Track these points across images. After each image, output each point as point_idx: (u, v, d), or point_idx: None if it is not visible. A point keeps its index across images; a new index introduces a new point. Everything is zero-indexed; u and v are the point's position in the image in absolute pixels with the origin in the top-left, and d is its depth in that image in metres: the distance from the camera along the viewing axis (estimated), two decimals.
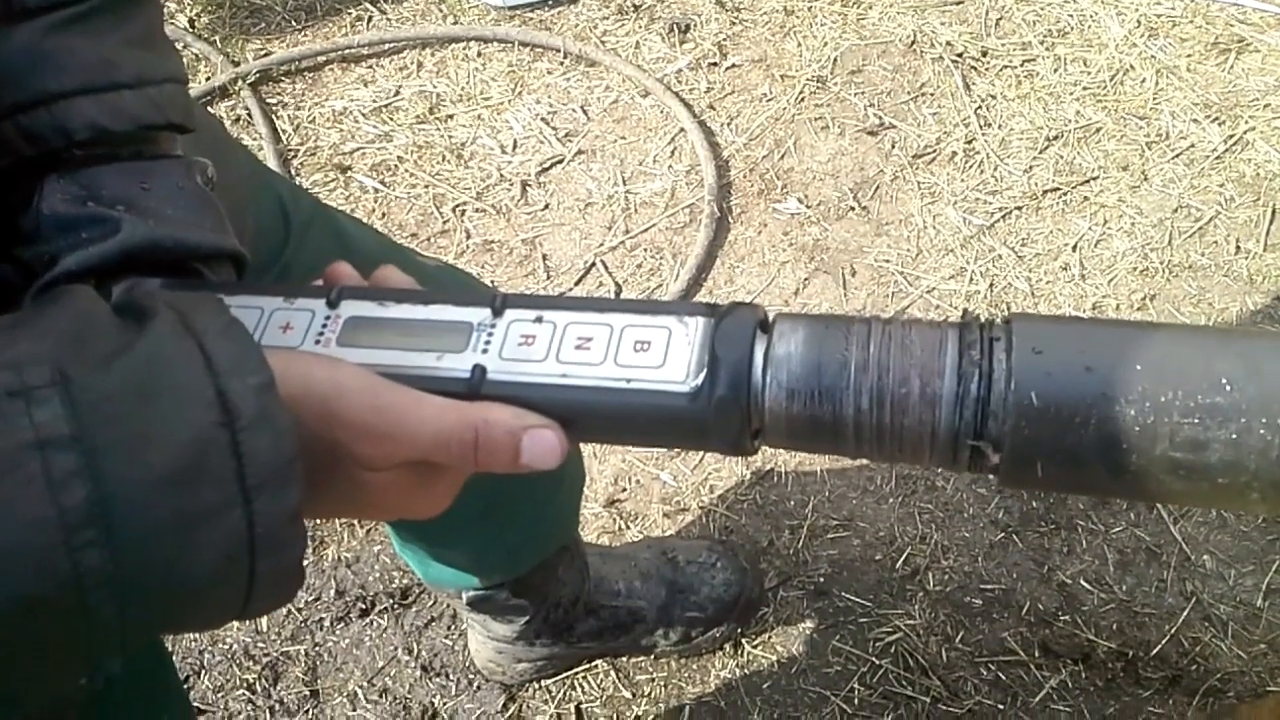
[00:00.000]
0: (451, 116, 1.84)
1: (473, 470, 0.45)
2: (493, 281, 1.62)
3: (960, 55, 1.85)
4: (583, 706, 1.25)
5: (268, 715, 1.26)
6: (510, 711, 1.25)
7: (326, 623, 1.32)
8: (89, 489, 0.34)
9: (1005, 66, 1.83)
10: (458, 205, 1.72)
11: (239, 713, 1.27)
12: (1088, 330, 0.43)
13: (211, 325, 0.39)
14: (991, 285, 1.56)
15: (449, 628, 1.31)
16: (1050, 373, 0.41)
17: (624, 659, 1.27)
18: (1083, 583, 1.29)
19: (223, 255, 0.55)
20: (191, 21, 2.03)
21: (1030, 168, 1.69)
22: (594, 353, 0.46)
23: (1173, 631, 1.25)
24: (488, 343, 0.46)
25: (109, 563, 0.34)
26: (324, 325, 0.48)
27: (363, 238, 0.84)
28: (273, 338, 0.48)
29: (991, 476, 0.43)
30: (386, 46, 1.95)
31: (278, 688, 1.28)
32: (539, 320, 0.47)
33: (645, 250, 1.64)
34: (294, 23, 2.02)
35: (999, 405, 0.42)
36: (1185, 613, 1.27)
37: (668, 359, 0.45)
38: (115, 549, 0.34)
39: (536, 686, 1.25)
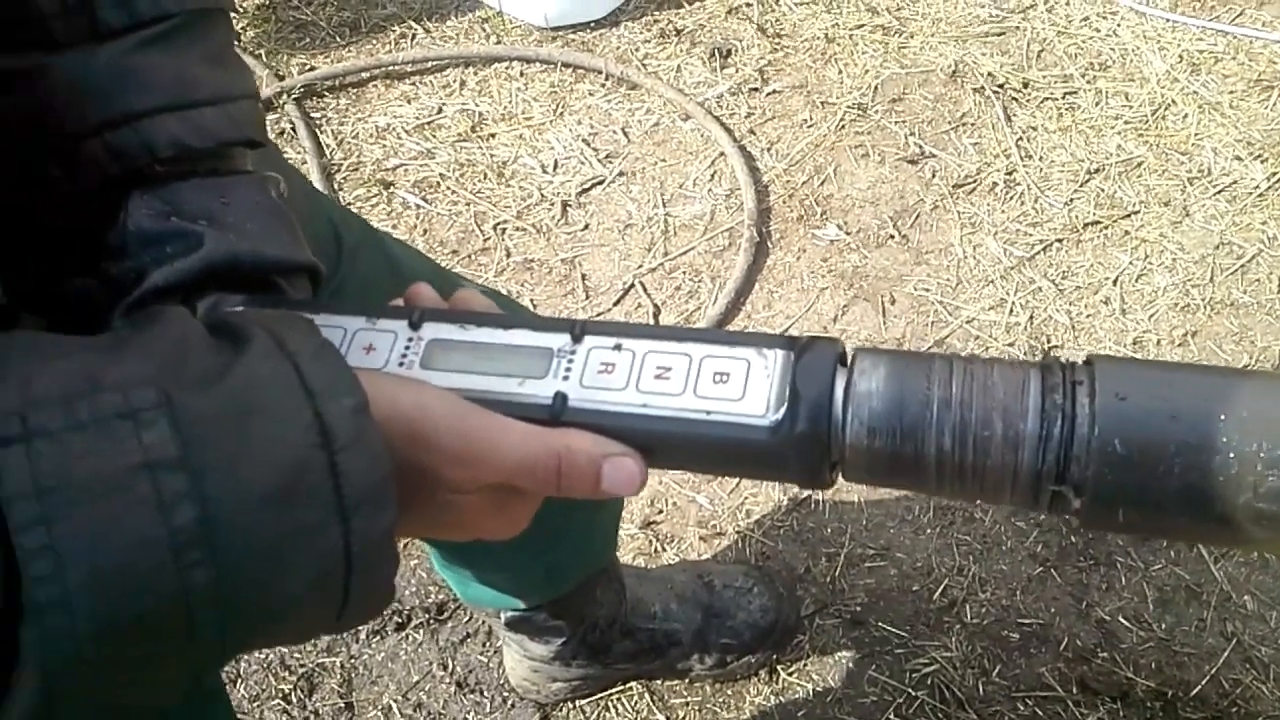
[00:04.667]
0: (493, 135, 1.85)
1: (554, 495, 0.46)
2: (531, 301, 1.63)
3: (1001, 86, 1.85)
4: None
5: None
6: None
7: (362, 635, 1.32)
8: (197, 510, 0.34)
9: (1046, 99, 1.83)
10: (498, 224, 1.73)
11: None
12: (1171, 377, 0.43)
13: (305, 347, 0.40)
14: (1031, 317, 1.56)
15: (484, 644, 1.31)
16: (1135, 420, 0.41)
17: (658, 682, 1.27)
18: (1122, 620, 1.28)
19: (300, 269, 0.56)
20: (237, 36, 2.06)
21: (1071, 200, 1.69)
22: (673, 383, 0.46)
23: (1213, 672, 1.24)
24: (568, 369, 0.47)
25: (214, 581, 0.35)
26: (407, 347, 0.49)
27: (410, 261, 0.85)
28: (356, 358, 0.48)
29: (1071, 518, 0.43)
30: (430, 64, 1.97)
31: (313, 699, 1.28)
32: (618, 348, 0.47)
33: (684, 273, 1.65)
34: (338, 39, 2.05)
35: (1082, 450, 0.41)
36: (1226, 654, 1.25)
37: (747, 391, 0.45)
38: (220, 567, 0.35)
39: (571, 706, 1.25)
